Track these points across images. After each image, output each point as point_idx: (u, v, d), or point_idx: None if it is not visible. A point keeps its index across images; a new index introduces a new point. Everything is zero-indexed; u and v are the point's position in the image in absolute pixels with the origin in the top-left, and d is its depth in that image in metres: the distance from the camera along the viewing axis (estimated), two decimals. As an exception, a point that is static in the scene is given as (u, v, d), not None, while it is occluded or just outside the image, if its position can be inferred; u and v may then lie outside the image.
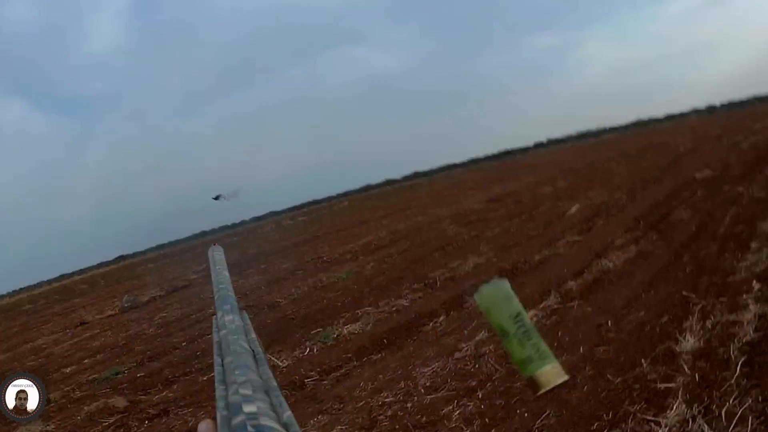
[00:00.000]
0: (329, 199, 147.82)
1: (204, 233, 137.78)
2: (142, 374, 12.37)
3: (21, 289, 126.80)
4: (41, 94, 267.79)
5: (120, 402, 10.42)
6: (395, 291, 13.67)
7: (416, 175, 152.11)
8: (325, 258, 23.38)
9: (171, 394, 10.49)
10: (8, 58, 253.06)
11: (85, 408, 10.70)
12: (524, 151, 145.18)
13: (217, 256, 3.02)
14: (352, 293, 14.79)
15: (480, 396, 6.95)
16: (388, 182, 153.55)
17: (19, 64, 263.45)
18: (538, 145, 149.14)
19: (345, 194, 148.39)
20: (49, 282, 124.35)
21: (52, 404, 12.13)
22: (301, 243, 35.03)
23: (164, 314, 20.18)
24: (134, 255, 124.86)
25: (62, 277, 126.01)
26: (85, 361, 16.03)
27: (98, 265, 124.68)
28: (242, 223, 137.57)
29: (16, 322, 40.23)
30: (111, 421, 9.79)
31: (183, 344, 14.29)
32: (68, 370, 15.45)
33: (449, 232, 20.90)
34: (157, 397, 10.54)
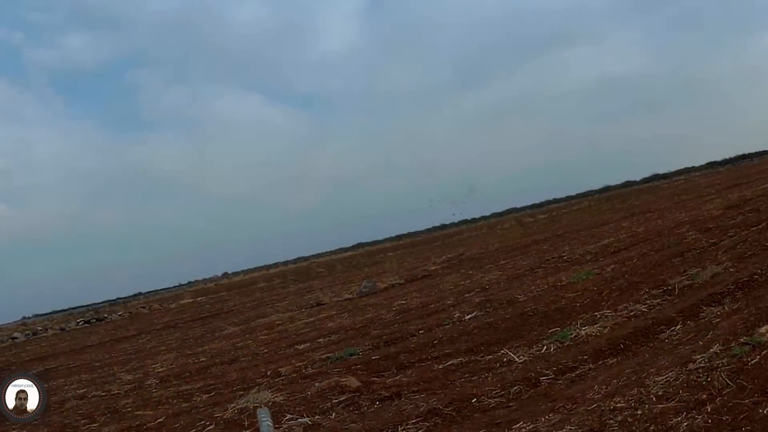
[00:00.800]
0: (568, 198, 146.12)
1: (444, 226, 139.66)
2: (377, 357, 12.76)
3: (256, 267, 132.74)
4: (276, 90, 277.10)
5: (353, 382, 10.77)
6: (634, 295, 13.25)
7: (654, 177, 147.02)
8: (565, 257, 23.08)
9: (405, 379, 10.75)
10: (245, 56, 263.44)
11: (317, 384, 11.17)
12: (760, 155, 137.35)
13: (264, 424, 3.12)
14: (591, 295, 14.50)
15: (709, 410, 6.68)
16: (627, 183, 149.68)
17: (254, 62, 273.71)
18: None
19: (584, 194, 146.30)
20: (285, 263, 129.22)
21: (282, 377, 12.80)
22: (541, 241, 34.77)
23: (402, 302, 20.65)
24: (372, 243, 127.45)
25: (299, 259, 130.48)
26: (320, 340, 16.78)
27: (336, 250, 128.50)
28: (482, 218, 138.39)
29: (250, 298, 42.36)
30: (342, 399, 10.18)
31: (420, 332, 14.52)
32: (301, 347, 16.28)
33: (688, 238, 20.05)
34: (390, 380, 10.84)
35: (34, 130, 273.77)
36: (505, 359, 10.64)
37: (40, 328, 57.82)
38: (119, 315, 57.40)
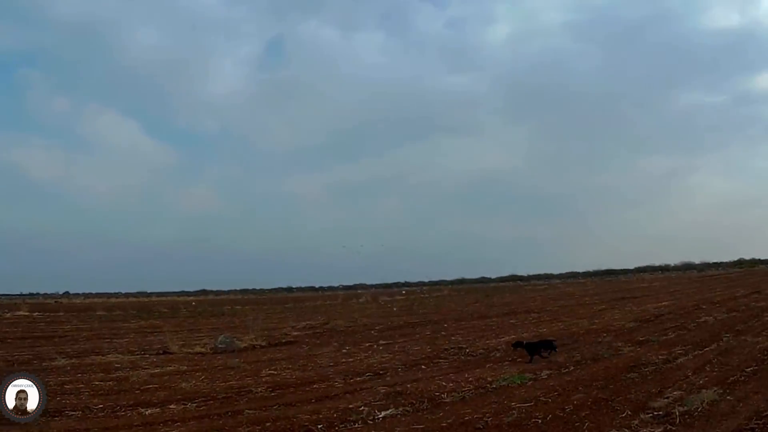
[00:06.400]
0: (420, 284, 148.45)
1: (291, 289, 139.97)
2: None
3: (96, 293, 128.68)
4: (154, 120, 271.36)
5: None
6: (615, 419, 9.88)
7: (512, 278, 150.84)
8: (467, 350, 19.92)
9: None
10: (130, 80, 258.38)
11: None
12: (624, 273, 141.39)
13: None
14: (547, 410, 11.06)
15: None
16: (483, 279, 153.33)
17: (139, 87, 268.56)
18: (640, 270, 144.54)
19: (437, 282, 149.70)
20: (126, 295, 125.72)
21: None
22: (418, 324, 31.66)
23: (273, 371, 16.72)
24: (217, 293, 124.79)
25: (141, 294, 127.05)
26: (172, 406, 12.44)
27: (179, 292, 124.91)
28: (329, 288, 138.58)
29: (87, 326, 37.77)
30: None
31: (319, 426, 10.48)
32: (148, 411, 11.94)
33: (624, 350, 17.25)
34: None
35: None
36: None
37: None
38: None
